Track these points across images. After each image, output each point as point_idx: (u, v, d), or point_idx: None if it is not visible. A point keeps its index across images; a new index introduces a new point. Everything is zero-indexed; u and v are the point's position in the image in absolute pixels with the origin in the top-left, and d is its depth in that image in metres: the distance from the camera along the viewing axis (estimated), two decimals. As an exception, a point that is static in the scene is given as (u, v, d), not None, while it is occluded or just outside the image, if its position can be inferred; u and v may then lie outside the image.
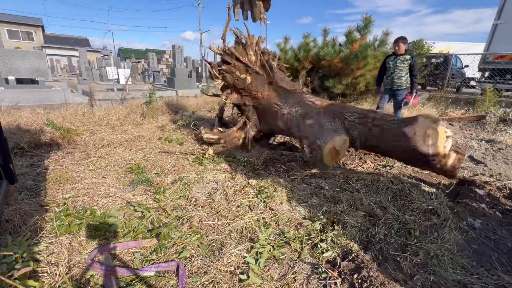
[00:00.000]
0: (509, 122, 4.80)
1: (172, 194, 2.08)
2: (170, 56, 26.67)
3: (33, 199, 1.91)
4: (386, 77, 4.26)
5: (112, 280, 1.24)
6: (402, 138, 2.09)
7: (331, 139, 2.18)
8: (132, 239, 1.56)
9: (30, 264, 1.24)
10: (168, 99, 6.64)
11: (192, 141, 3.60)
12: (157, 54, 25.73)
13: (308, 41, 7.18)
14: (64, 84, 11.41)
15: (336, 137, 2.19)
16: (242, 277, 1.30)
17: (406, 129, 2.06)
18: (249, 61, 3.19)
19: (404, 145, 2.09)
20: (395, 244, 1.57)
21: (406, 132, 2.06)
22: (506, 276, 1.37)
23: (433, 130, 2.00)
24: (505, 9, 8.19)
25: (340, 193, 2.17)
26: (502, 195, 2.21)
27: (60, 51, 29.45)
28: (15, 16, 27.49)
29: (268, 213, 1.89)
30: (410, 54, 4.01)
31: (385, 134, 2.23)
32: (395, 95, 4.18)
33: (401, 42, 3.94)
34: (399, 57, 3.96)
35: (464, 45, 14.06)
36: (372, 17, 6.39)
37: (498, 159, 3.22)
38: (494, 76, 8.43)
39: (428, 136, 2.01)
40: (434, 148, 2.00)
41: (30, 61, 5.86)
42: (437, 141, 1.99)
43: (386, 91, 4.39)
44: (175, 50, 10.84)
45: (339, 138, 2.20)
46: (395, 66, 3.99)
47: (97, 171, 2.47)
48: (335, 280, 1.30)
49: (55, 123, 3.26)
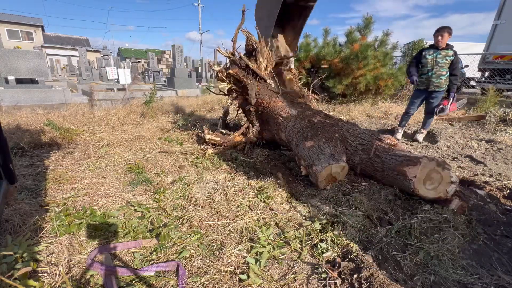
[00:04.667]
0: (509, 123, 4.80)
1: (172, 194, 2.08)
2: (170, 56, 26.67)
3: (33, 199, 1.91)
4: (420, 76, 3.53)
5: (112, 280, 1.24)
6: (402, 177, 2.00)
7: (328, 166, 2.07)
8: (132, 239, 1.56)
9: (30, 264, 1.23)
10: (168, 99, 6.64)
11: (192, 141, 3.60)
12: (157, 54, 25.75)
13: (309, 41, 7.19)
14: (64, 84, 11.41)
15: (333, 164, 2.09)
16: (242, 277, 1.30)
17: (407, 170, 1.96)
18: (257, 68, 3.08)
19: (403, 184, 2.00)
20: (395, 244, 1.57)
21: (406, 173, 1.96)
22: (506, 276, 1.37)
23: (437, 174, 1.89)
24: (505, 9, 8.19)
25: (341, 193, 2.17)
26: (502, 195, 2.21)
27: (60, 51, 29.47)
28: (15, 16, 27.49)
29: (268, 213, 1.89)
30: (452, 49, 3.32)
31: (386, 167, 2.14)
32: (431, 98, 3.54)
33: (446, 32, 3.19)
34: (440, 51, 3.29)
35: (464, 45, 14.06)
36: (372, 17, 6.41)
37: (498, 159, 3.22)
38: (494, 76, 8.43)
39: (430, 179, 1.90)
40: (434, 192, 1.90)
41: (30, 61, 5.86)
42: (439, 185, 1.88)
43: (418, 93, 3.70)
44: (175, 50, 10.84)
45: (336, 165, 2.10)
46: (435, 63, 3.31)
47: (97, 171, 2.47)
48: (335, 280, 1.30)
49: (55, 123, 3.25)
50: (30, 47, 22.67)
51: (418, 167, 1.90)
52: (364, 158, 2.30)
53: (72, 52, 26.91)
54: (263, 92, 3.09)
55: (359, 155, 2.34)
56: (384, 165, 2.15)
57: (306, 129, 2.58)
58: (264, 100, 3.08)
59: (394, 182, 2.11)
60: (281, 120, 2.92)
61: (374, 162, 2.23)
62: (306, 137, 2.46)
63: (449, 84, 3.43)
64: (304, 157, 2.33)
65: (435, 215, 1.77)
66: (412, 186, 1.93)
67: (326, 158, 2.15)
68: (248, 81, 3.05)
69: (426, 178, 1.91)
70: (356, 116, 5.58)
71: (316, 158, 2.20)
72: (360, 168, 2.37)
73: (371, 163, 2.26)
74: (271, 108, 3.05)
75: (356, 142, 2.37)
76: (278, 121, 2.96)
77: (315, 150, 2.29)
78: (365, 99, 6.79)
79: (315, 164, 2.15)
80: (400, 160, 2.05)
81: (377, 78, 6.35)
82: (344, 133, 2.47)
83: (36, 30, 28.45)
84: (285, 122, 2.86)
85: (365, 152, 2.30)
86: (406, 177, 1.96)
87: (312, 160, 2.22)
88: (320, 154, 2.23)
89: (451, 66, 3.35)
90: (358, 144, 2.36)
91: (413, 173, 1.92)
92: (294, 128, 2.70)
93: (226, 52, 3.19)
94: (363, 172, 2.40)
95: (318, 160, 2.17)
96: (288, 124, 2.81)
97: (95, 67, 16.93)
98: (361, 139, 2.37)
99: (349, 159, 2.39)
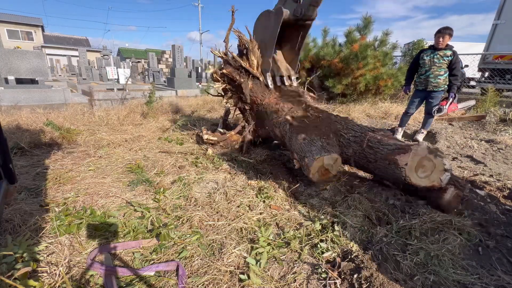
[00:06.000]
0: (509, 122, 4.80)
1: (172, 194, 2.08)
2: (170, 56, 26.66)
3: (33, 199, 1.91)
4: (419, 76, 3.56)
5: (112, 280, 1.24)
6: (393, 165, 1.96)
7: (319, 158, 2.03)
8: (132, 239, 1.56)
9: (30, 264, 1.23)
10: (168, 99, 6.64)
11: (192, 141, 3.60)
12: (157, 54, 25.75)
13: (308, 41, 7.18)
14: (64, 84, 11.41)
15: (324, 156, 2.04)
16: (242, 277, 1.30)
17: (399, 158, 1.92)
18: (250, 67, 3.12)
19: (395, 172, 1.97)
20: (395, 244, 1.57)
21: (398, 161, 1.92)
22: (506, 276, 1.37)
23: (429, 162, 1.84)
24: (505, 9, 8.19)
25: (340, 194, 2.17)
26: (502, 195, 2.21)
27: (60, 51, 29.47)
28: (15, 16, 27.49)
29: (268, 213, 1.89)
30: (452, 49, 3.31)
31: (378, 157, 2.11)
32: (430, 98, 3.53)
33: (447, 33, 3.19)
34: (437, 52, 3.32)
35: (463, 45, 14.06)
36: (371, 17, 6.41)
37: (498, 159, 3.22)
38: (494, 76, 8.44)
39: (422, 167, 1.86)
40: (427, 180, 1.85)
41: (29, 61, 5.86)
42: (432, 173, 1.83)
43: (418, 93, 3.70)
44: (175, 50, 10.83)
45: (328, 157, 2.05)
46: (432, 63, 3.35)
47: (97, 171, 2.47)
48: (335, 280, 1.30)
49: (55, 123, 3.25)
50: (30, 47, 22.67)
51: (409, 154, 1.87)
52: (357, 150, 2.28)
53: (72, 52, 26.91)
54: (256, 89, 3.12)
55: (352, 147, 2.32)
56: (376, 155, 2.13)
57: (299, 123, 2.59)
58: (257, 97, 3.11)
59: (386, 172, 2.08)
60: (275, 116, 2.93)
61: (367, 153, 2.21)
62: (299, 131, 2.45)
63: (449, 84, 3.43)
64: (296, 150, 2.33)
65: (440, 217, 1.76)
66: (403, 174, 1.89)
67: (318, 149, 2.14)
68: (241, 80, 3.09)
69: (417, 166, 1.87)
70: (356, 116, 5.58)
71: (308, 150, 2.18)
72: (353, 160, 2.34)
73: (364, 154, 2.23)
74: (265, 105, 3.08)
75: (349, 135, 2.35)
76: (272, 118, 2.98)
77: (307, 142, 2.27)
78: (365, 99, 6.78)
79: (307, 156, 2.12)
80: (391, 149, 2.03)
81: (377, 78, 6.35)
82: (337, 126, 2.46)
83: (36, 30, 28.45)
84: (279, 118, 2.87)
85: (358, 144, 2.28)
86: (397, 165, 1.93)
87: (304, 152, 2.21)
88: (312, 146, 2.21)
89: (450, 66, 3.34)
90: (351, 136, 2.34)
91: (404, 160, 1.89)
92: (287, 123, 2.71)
93: (219, 52, 3.22)
94: (357, 164, 2.37)
95: (310, 152, 2.15)
96: (281, 119, 2.83)
97: (95, 67, 16.93)
98: (353, 132, 2.36)
99: (342, 151, 2.37)
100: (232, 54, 3.19)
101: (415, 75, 3.78)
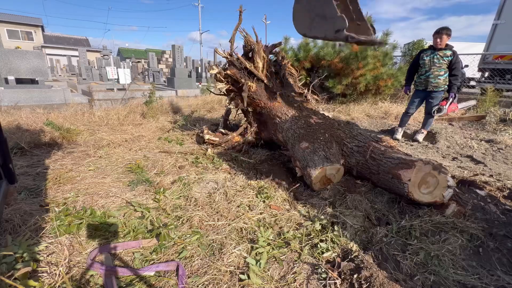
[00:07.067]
0: (508, 122, 4.80)
1: (172, 194, 2.08)
2: (170, 56, 26.67)
3: (33, 199, 1.91)
4: (419, 76, 3.57)
5: (112, 280, 1.24)
6: (396, 180, 1.95)
7: (322, 168, 2.04)
8: (132, 239, 1.56)
9: (30, 264, 1.23)
10: (168, 99, 6.64)
11: (192, 141, 3.60)
12: (157, 54, 25.75)
13: (308, 41, 7.18)
14: (64, 84, 11.41)
15: (327, 166, 2.05)
16: (242, 277, 1.30)
17: (402, 173, 1.91)
18: (255, 69, 3.07)
19: (398, 187, 1.96)
20: (395, 244, 1.57)
21: (401, 176, 1.91)
22: (506, 276, 1.37)
23: (432, 178, 1.84)
24: (505, 9, 8.19)
25: (340, 194, 2.17)
26: (502, 195, 2.21)
27: (60, 51, 29.46)
28: (15, 16, 27.48)
29: (268, 213, 1.89)
30: (451, 50, 3.32)
31: (381, 170, 2.10)
32: (430, 98, 3.54)
33: (444, 33, 3.21)
34: (437, 52, 3.33)
35: (463, 45, 14.06)
36: (371, 17, 6.41)
37: (498, 159, 3.22)
38: (494, 76, 8.43)
39: (425, 183, 1.86)
40: (430, 196, 1.86)
41: (29, 61, 5.86)
42: (435, 189, 1.83)
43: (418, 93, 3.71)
44: (175, 50, 10.84)
45: (330, 167, 2.06)
46: (432, 63, 3.36)
47: (97, 171, 2.47)
48: (335, 280, 1.30)
49: (55, 123, 3.25)
50: (30, 47, 22.69)
51: (413, 170, 1.85)
52: (360, 160, 2.26)
53: (72, 52, 26.91)
54: (260, 92, 3.08)
55: (355, 156, 2.30)
56: (379, 168, 2.11)
57: (302, 130, 2.56)
58: (261, 100, 3.07)
59: (389, 185, 2.08)
60: (278, 121, 2.90)
61: (370, 164, 2.19)
62: (302, 139, 2.43)
63: (449, 84, 3.43)
64: (299, 158, 2.32)
65: (441, 218, 1.75)
66: (406, 190, 1.88)
67: (321, 159, 2.12)
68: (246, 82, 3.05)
69: (421, 182, 1.86)
70: (356, 116, 5.58)
71: (311, 160, 2.17)
72: (356, 170, 2.33)
73: (367, 165, 2.22)
74: (269, 109, 3.04)
75: (352, 144, 2.33)
76: (275, 122, 2.95)
77: (310, 151, 2.25)
78: (365, 99, 6.78)
79: (309, 166, 2.12)
80: (395, 163, 2.01)
81: (377, 78, 6.35)
82: (341, 135, 2.43)
83: (36, 30, 28.44)
84: (282, 123, 2.83)
85: (361, 154, 2.25)
86: (400, 180, 1.91)
87: (306, 161, 2.20)
88: (314, 155, 2.20)
89: (450, 66, 3.34)
90: (354, 145, 2.32)
91: (407, 176, 1.87)
92: (291, 129, 2.68)
93: (224, 53, 3.20)
94: (360, 174, 2.36)
95: (312, 161, 2.14)
96: (285, 125, 2.79)
97: (95, 67, 16.92)
98: (357, 141, 2.33)
99: (345, 160, 2.35)
100: (237, 55, 3.15)
101: (415, 75, 3.79)
